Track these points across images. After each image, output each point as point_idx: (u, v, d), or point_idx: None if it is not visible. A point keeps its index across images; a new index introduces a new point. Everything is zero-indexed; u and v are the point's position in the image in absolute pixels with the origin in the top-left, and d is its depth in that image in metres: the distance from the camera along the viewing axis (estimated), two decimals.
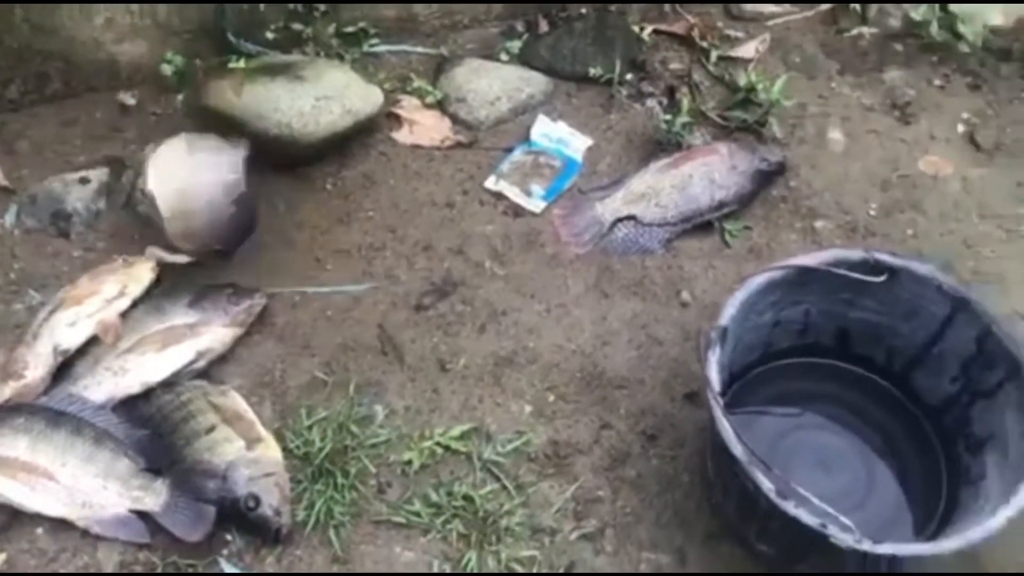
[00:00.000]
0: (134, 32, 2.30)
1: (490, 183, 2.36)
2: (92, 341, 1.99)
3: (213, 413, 1.90)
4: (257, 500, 1.79)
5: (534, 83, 2.50)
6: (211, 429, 1.87)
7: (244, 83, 2.25)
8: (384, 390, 2.05)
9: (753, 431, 1.93)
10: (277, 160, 2.29)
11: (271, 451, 1.87)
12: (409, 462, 1.94)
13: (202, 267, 2.17)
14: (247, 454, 1.84)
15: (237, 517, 1.81)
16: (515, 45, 2.57)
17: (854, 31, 2.71)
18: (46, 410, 1.86)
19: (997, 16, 2.69)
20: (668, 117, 2.38)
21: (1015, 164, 2.44)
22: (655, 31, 2.63)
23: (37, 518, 1.84)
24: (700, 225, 2.29)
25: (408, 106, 2.45)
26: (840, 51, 2.68)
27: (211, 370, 2.03)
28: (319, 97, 2.23)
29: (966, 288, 1.85)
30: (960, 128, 2.53)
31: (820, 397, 2.02)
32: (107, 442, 1.82)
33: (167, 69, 2.35)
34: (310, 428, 1.96)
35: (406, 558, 1.85)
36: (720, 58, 2.60)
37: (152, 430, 1.90)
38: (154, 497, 1.79)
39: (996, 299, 2.00)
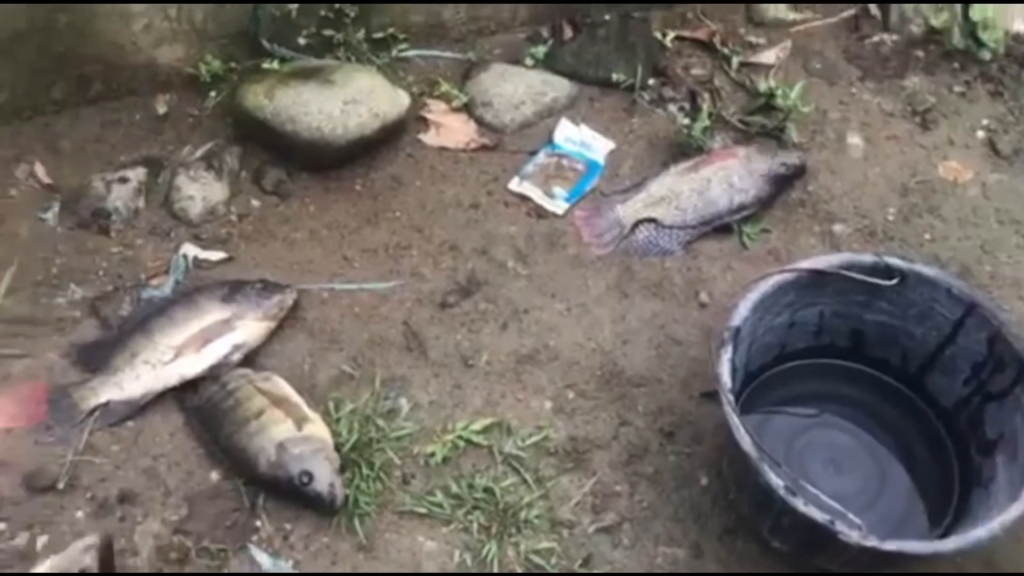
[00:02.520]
0: (172, 36, 2.38)
1: (514, 185, 2.42)
2: (129, 335, 2.09)
3: (261, 397, 1.97)
4: (311, 475, 1.86)
5: (558, 87, 2.56)
6: (260, 412, 1.94)
7: (276, 87, 2.33)
8: (409, 385, 2.12)
9: (768, 430, 1.99)
10: (307, 162, 2.37)
11: (319, 430, 1.95)
12: (432, 454, 2.01)
13: (235, 262, 2.28)
14: (297, 433, 1.92)
15: (292, 494, 1.89)
16: (540, 50, 2.62)
17: (875, 37, 2.75)
18: None
19: (1019, 23, 2.72)
20: (688, 122, 2.43)
21: None
22: (678, 37, 2.68)
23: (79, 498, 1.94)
24: (719, 228, 2.35)
25: (435, 109, 2.52)
26: (861, 57, 2.72)
27: (244, 363, 2.11)
28: (347, 101, 2.29)
29: (976, 292, 1.89)
30: (980, 134, 2.56)
31: (835, 398, 2.06)
32: None
33: (204, 72, 2.43)
34: (338, 421, 2.04)
35: (428, 547, 1.92)
36: (742, 64, 2.64)
37: (200, 420, 1.99)
38: None
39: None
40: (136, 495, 1.93)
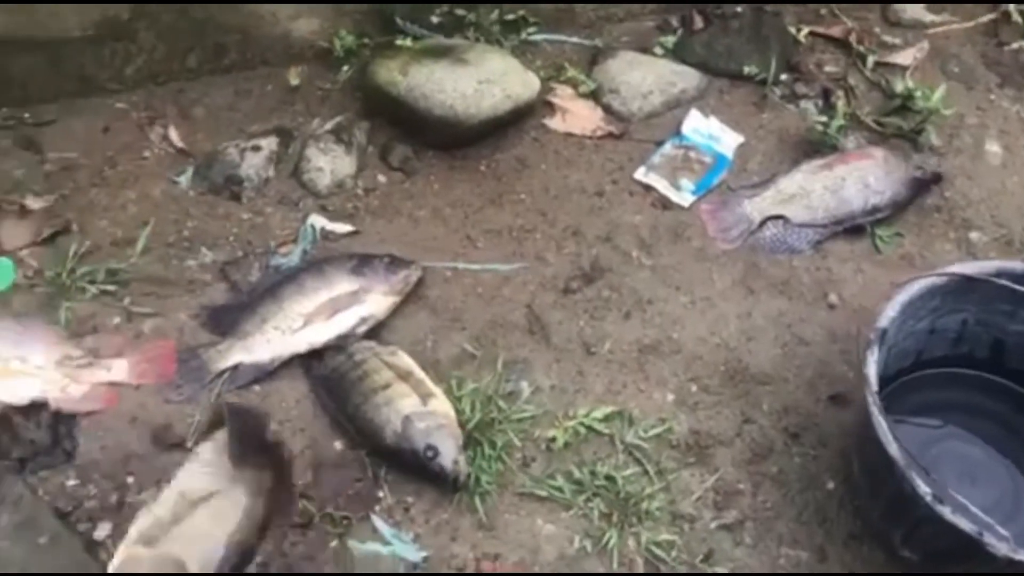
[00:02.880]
0: (309, 10, 2.39)
1: (640, 174, 2.39)
2: (259, 301, 2.11)
3: (387, 370, 1.98)
4: (436, 450, 1.87)
5: (687, 78, 2.52)
6: (387, 385, 1.95)
7: (409, 64, 2.33)
8: (530, 368, 2.10)
9: (901, 438, 1.93)
10: (436, 140, 2.37)
11: (444, 406, 1.95)
12: (553, 439, 1.99)
13: (360, 235, 2.29)
14: (422, 408, 1.92)
15: (416, 468, 1.90)
16: (669, 40, 2.59)
17: (1015, 44, 2.66)
18: None
19: None
20: (824, 119, 2.38)
21: None
22: (811, 33, 2.62)
23: None
24: (850, 229, 2.29)
25: (562, 94, 2.50)
26: (1000, 64, 2.64)
27: (368, 336, 2.12)
28: (481, 81, 2.29)
29: None
30: None
31: (970, 409, 2.00)
32: None
33: (337, 46, 2.44)
34: (459, 399, 2.03)
35: (548, 531, 1.90)
36: (877, 63, 2.58)
37: (327, 389, 2.01)
38: None
39: None
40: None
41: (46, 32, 2.25)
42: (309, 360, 2.08)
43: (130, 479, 1.92)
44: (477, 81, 2.29)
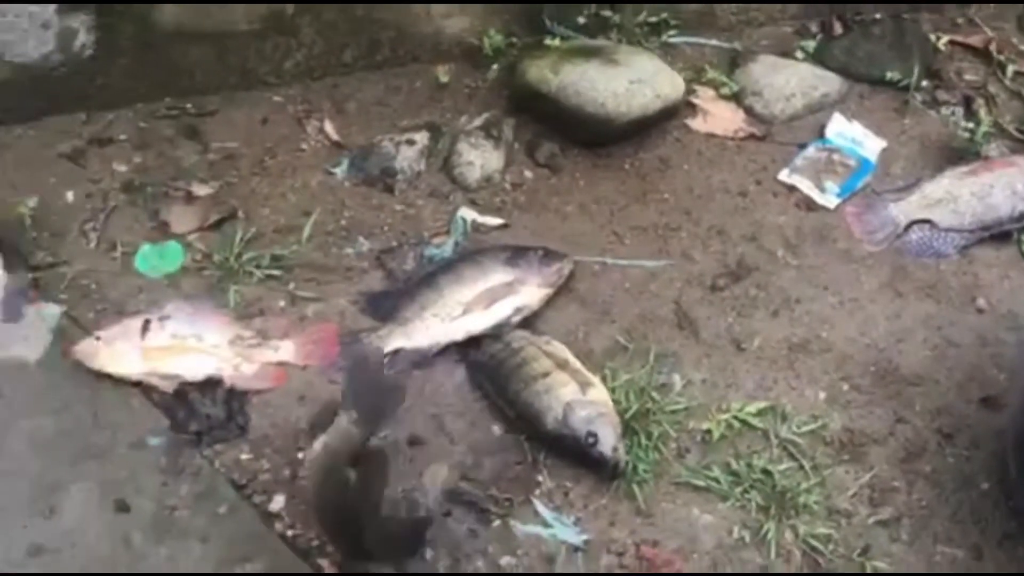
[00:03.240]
0: (461, 9, 2.48)
1: (784, 176, 2.43)
2: (418, 289, 2.18)
3: (546, 359, 2.03)
4: (596, 437, 1.91)
5: (829, 82, 2.56)
6: (546, 373, 2.00)
7: (560, 63, 2.40)
8: (681, 362, 2.15)
9: None
10: (582, 138, 2.44)
11: (602, 394, 2.00)
12: (708, 431, 2.03)
13: (509, 229, 2.36)
14: (582, 396, 1.97)
15: (576, 454, 1.95)
16: (810, 44, 2.64)
17: None
18: None
19: None
20: (971, 126, 2.41)
21: None
22: (950, 42, 2.66)
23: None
24: (997, 235, 2.31)
25: (704, 96, 2.55)
26: None
27: (522, 326, 2.18)
28: (632, 80, 2.35)
29: None
30: None
31: None
32: None
33: (486, 45, 2.52)
34: (614, 389, 2.08)
35: (705, 520, 1.94)
36: (1016, 73, 2.60)
37: (486, 376, 2.07)
38: None
39: None
40: (423, 440, 2.02)
41: (215, 25, 2.36)
42: (466, 348, 2.15)
43: (301, 454, 2.00)
44: (628, 80, 2.35)
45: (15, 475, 1.92)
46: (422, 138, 2.43)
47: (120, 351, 2.03)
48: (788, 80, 2.53)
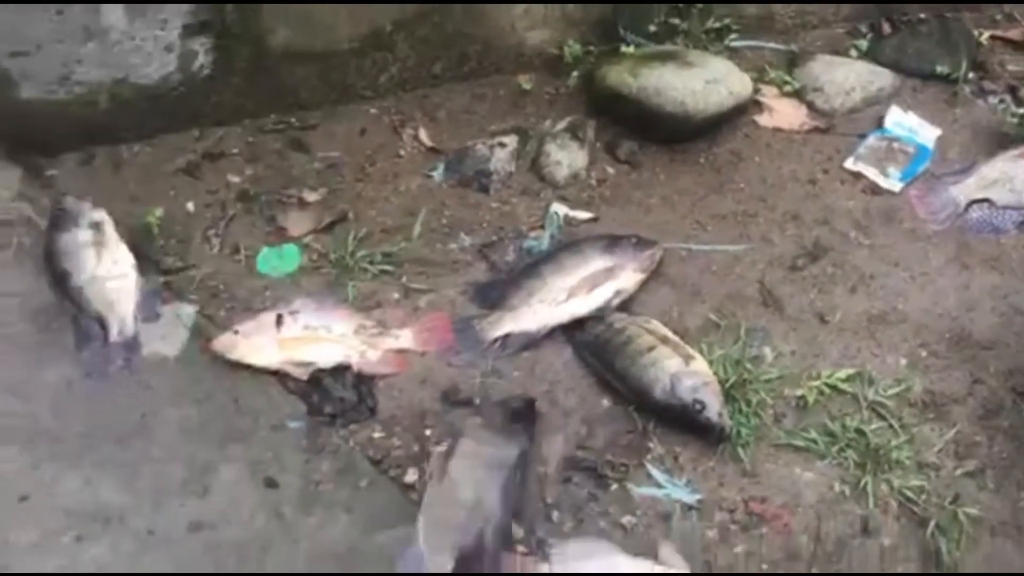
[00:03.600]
0: (543, 21, 2.68)
1: (849, 164, 2.63)
2: (523, 277, 2.35)
3: (649, 335, 2.21)
4: (703, 405, 2.09)
5: (883, 77, 2.77)
6: (651, 348, 2.18)
7: (637, 67, 2.59)
8: (770, 336, 2.33)
9: None
10: (660, 135, 2.63)
11: (704, 366, 2.17)
12: (803, 397, 2.20)
13: (599, 222, 2.53)
14: (686, 368, 2.14)
15: (683, 421, 2.12)
16: (862, 44, 2.85)
17: None
18: None
19: None
20: (1020, 112, 2.61)
21: None
22: (992, 37, 2.86)
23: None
24: None
25: (768, 94, 2.75)
26: None
27: (620, 308, 2.35)
28: (708, 80, 2.55)
29: None
30: None
31: None
32: None
33: (567, 54, 2.71)
34: (711, 362, 2.25)
35: (807, 478, 2.11)
36: None
37: (593, 354, 2.24)
38: None
39: None
40: (539, 414, 2.19)
41: (321, 44, 2.55)
42: (570, 330, 2.32)
43: (428, 432, 2.16)
44: (704, 80, 2.55)
45: (168, 460, 2.08)
46: (511, 141, 2.62)
47: (258, 343, 2.21)
48: (846, 76, 2.74)
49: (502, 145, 2.60)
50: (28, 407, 2.10)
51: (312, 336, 2.24)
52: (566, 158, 2.58)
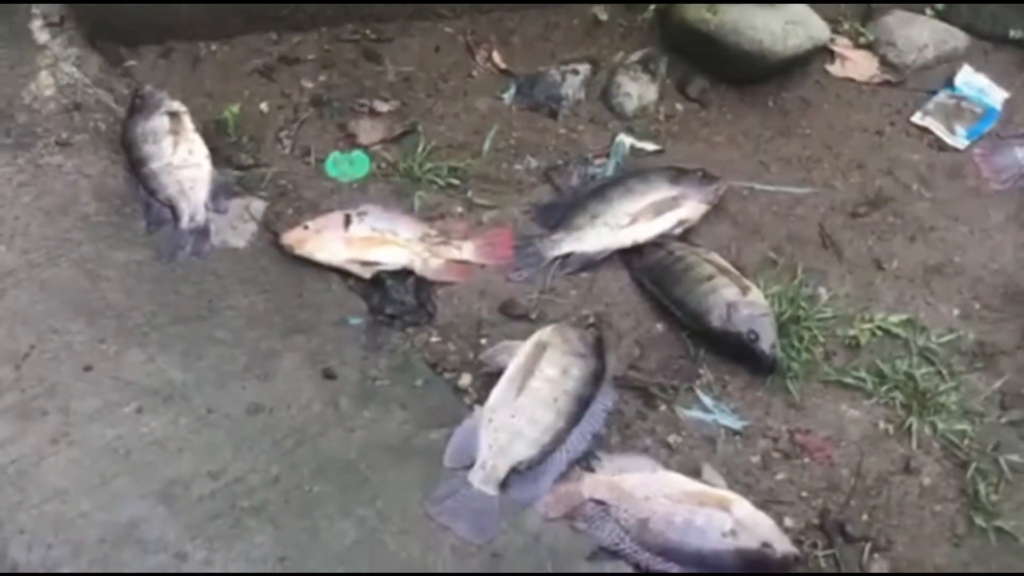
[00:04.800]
0: None
1: (916, 118, 2.64)
2: (588, 199, 2.38)
3: (708, 265, 2.25)
4: (757, 335, 2.13)
5: (956, 37, 2.77)
6: (710, 277, 2.22)
7: (718, 4, 2.60)
8: (826, 277, 2.36)
9: None
10: (732, 75, 2.65)
11: (760, 297, 2.22)
12: (854, 338, 2.24)
13: (664, 155, 2.56)
14: (743, 297, 2.18)
15: (736, 349, 2.16)
16: (938, 4, 2.83)
17: None
18: None
19: None
20: None
21: None
22: None
23: None
24: None
25: (841, 44, 2.76)
26: None
27: (680, 238, 2.38)
28: (788, 21, 2.57)
29: None
30: None
31: None
32: None
33: None
34: (767, 297, 2.28)
35: (852, 415, 2.15)
36: None
37: (651, 279, 2.27)
38: None
39: None
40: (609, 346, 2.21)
41: None
42: (629, 255, 2.36)
43: (483, 341, 2.21)
44: (784, 21, 2.56)
45: (232, 344, 2.14)
46: (584, 69, 2.65)
47: (327, 239, 2.26)
48: (921, 33, 2.74)
49: (575, 72, 2.63)
50: (97, 284, 2.17)
51: (379, 238, 2.28)
52: (636, 90, 2.60)
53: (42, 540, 1.79)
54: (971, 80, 2.69)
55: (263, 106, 2.54)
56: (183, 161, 2.35)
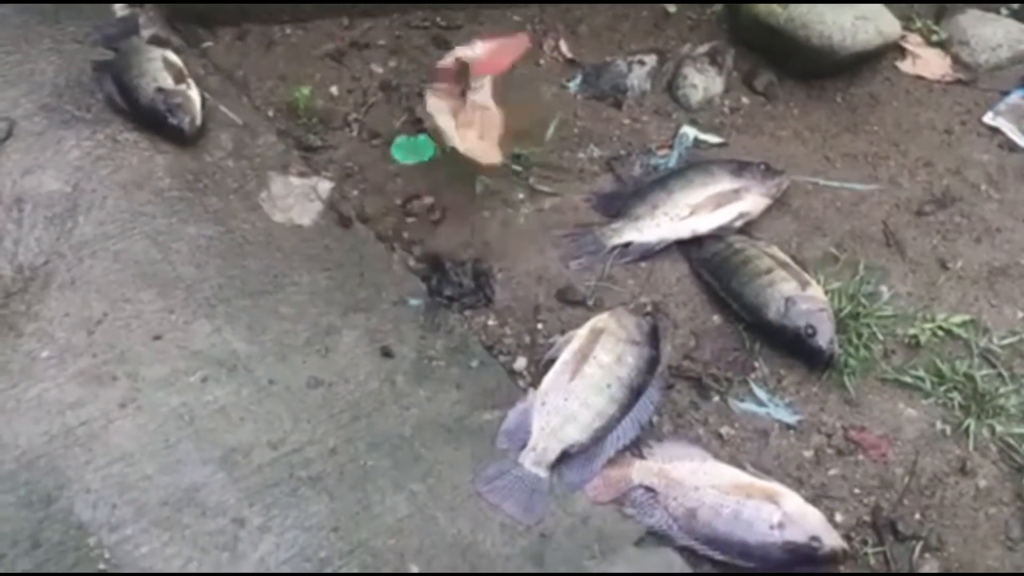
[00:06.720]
0: None
1: (988, 118, 2.61)
2: (649, 190, 2.40)
3: (767, 258, 2.25)
4: (814, 330, 2.12)
5: None
6: (769, 270, 2.21)
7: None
8: (888, 275, 2.34)
9: None
10: (800, 69, 2.64)
11: (820, 293, 2.20)
12: (914, 337, 2.22)
13: (728, 147, 2.56)
14: (802, 292, 2.17)
15: (792, 343, 2.15)
16: (1013, 4, 2.79)
17: None
18: None
19: None
20: None
21: None
22: None
23: None
24: None
25: (912, 41, 2.74)
26: None
27: (741, 231, 2.38)
28: (858, 17, 2.55)
29: None
30: None
31: None
32: None
33: None
34: (826, 293, 2.27)
35: (909, 414, 2.13)
36: None
37: (709, 270, 2.27)
38: None
39: None
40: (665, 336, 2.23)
41: None
42: (687, 246, 2.36)
43: (540, 325, 2.24)
44: (854, 16, 2.54)
45: (295, 319, 2.19)
46: (650, 60, 2.66)
47: None
48: (995, 32, 2.71)
49: (641, 63, 2.64)
50: (168, 256, 2.24)
51: None
52: (702, 82, 2.61)
53: (107, 500, 1.86)
54: None
55: (333, 89, 2.60)
56: None
